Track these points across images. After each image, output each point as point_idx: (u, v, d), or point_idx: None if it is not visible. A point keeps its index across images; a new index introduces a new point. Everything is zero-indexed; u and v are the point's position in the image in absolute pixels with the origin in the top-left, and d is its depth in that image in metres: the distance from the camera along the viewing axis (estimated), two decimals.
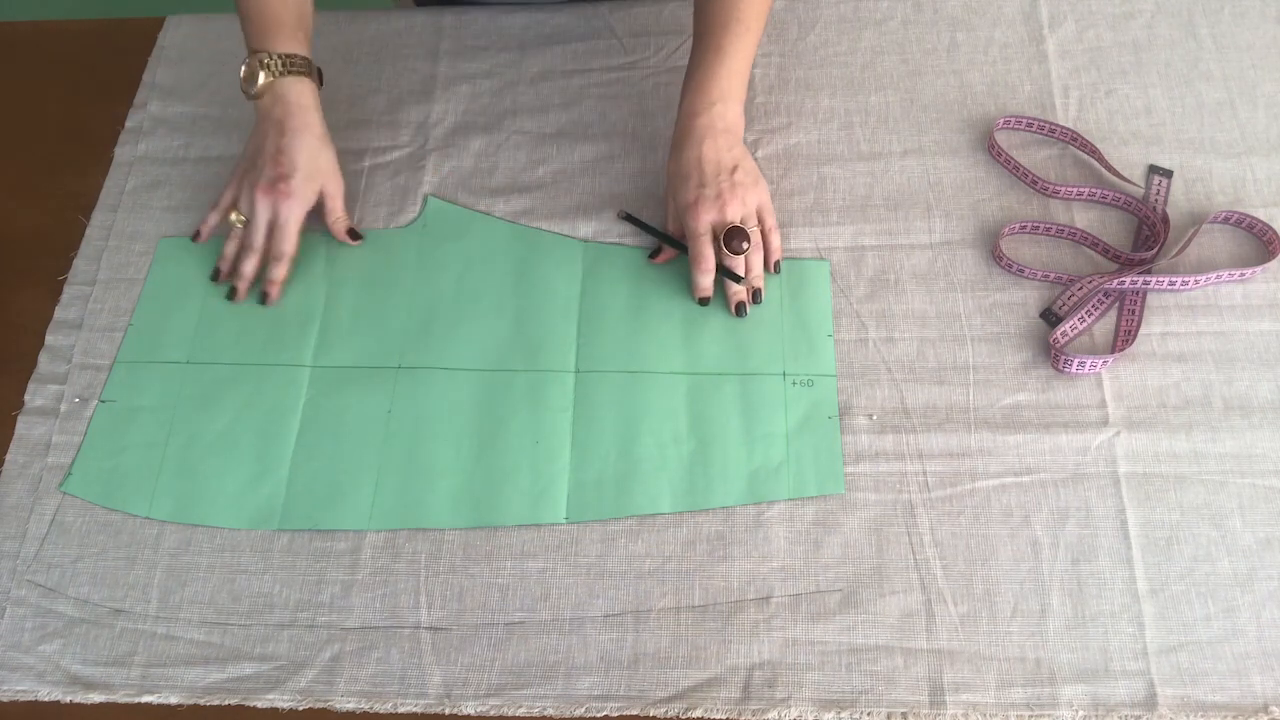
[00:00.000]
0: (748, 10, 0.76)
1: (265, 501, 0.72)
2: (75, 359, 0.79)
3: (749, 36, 0.76)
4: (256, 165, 0.78)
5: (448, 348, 0.77)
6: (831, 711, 0.63)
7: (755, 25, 0.76)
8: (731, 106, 0.76)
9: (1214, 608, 0.64)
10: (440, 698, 0.65)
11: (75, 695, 0.67)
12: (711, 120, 0.75)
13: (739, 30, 0.75)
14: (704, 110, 0.75)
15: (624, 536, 0.70)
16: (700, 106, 0.75)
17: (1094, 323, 0.74)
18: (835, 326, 0.76)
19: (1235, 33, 0.86)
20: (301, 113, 0.78)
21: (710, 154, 0.74)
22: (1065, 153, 0.82)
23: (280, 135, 0.77)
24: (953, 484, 0.69)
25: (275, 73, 0.77)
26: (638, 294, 0.78)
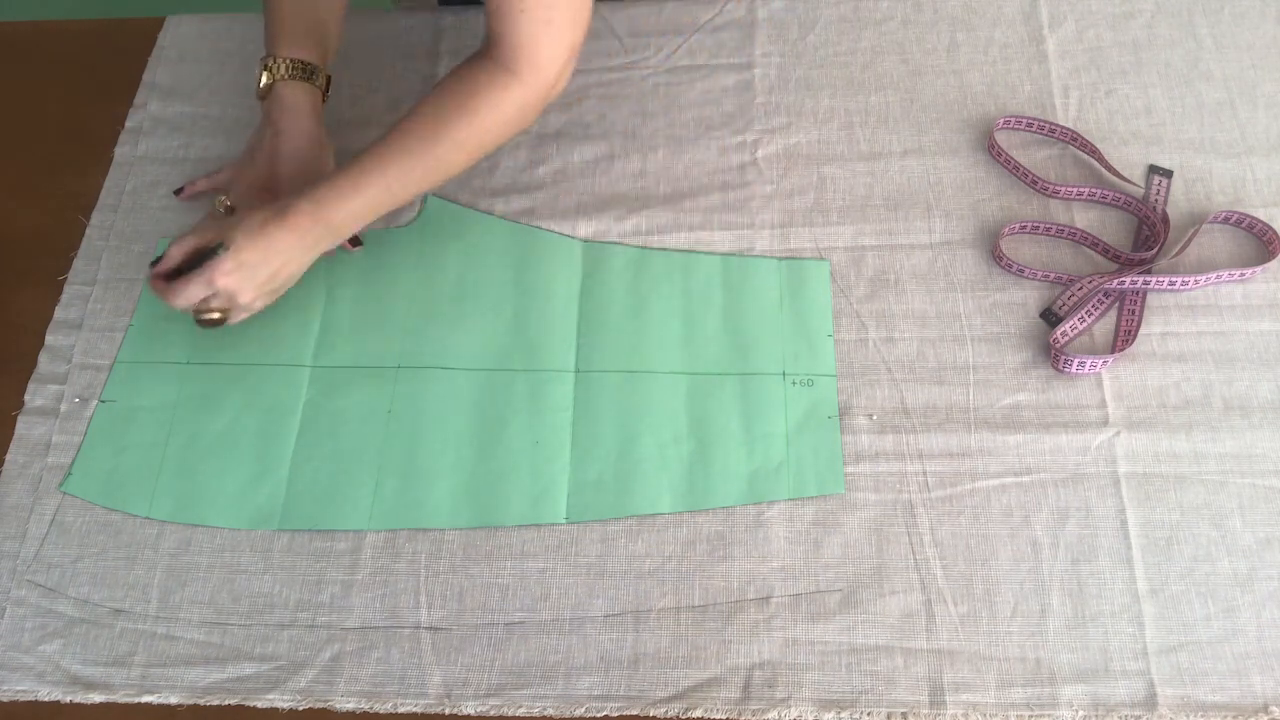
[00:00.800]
0: (437, 156, 0.72)
1: (265, 501, 0.72)
2: (75, 359, 0.79)
3: (404, 181, 0.72)
4: (254, 161, 0.79)
5: (447, 348, 0.77)
6: (831, 711, 0.63)
7: (424, 176, 0.72)
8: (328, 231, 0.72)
9: (1214, 608, 0.64)
10: (440, 698, 0.65)
11: (75, 695, 0.67)
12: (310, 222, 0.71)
13: (399, 168, 0.71)
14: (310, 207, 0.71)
15: (624, 536, 0.70)
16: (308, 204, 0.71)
17: (1094, 323, 0.74)
18: (835, 326, 0.76)
19: (1235, 33, 0.86)
20: (298, 117, 0.78)
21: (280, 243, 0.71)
22: (1065, 153, 0.82)
23: (275, 138, 0.78)
24: (953, 484, 0.69)
25: (277, 76, 0.78)
26: (638, 294, 0.78)
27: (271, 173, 0.78)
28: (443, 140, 0.72)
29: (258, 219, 0.71)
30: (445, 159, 0.73)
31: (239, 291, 0.71)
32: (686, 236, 0.80)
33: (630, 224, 0.81)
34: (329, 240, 0.73)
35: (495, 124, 0.72)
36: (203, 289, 0.70)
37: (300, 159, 0.79)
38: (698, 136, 0.85)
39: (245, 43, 0.94)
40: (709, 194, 0.82)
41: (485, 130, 0.72)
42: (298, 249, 0.72)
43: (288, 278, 0.73)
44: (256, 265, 0.70)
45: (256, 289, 0.71)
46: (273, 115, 0.79)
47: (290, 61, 0.79)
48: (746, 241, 0.80)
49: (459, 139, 0.72)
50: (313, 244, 0.72)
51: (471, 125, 0.72)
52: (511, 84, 0.71)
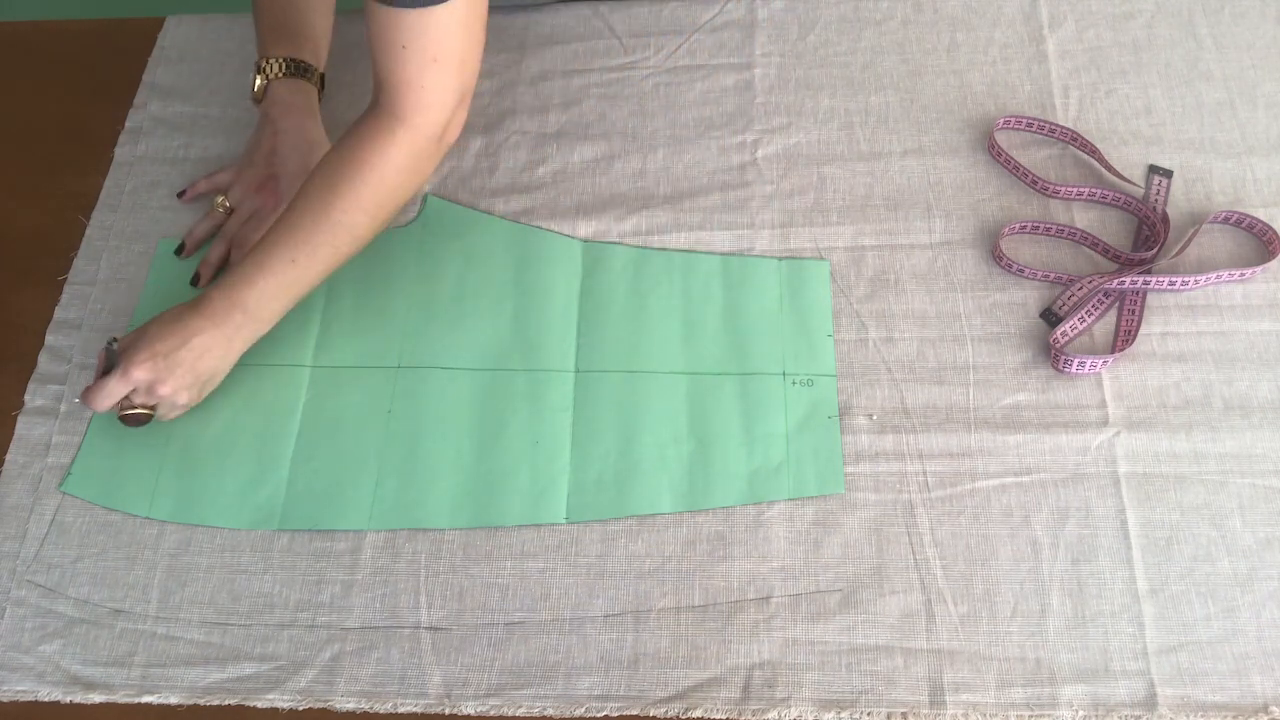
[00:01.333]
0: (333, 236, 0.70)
1: (265, 501, 0.72)
2: (75, 359, 0.79)
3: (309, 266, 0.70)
4: (253, 162, 0.80)
5: (447, 347, 0.77)
6: (831, 711, 0.63)
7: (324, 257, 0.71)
8: None
9: (1214, 608, 0.64)
10: (440, 698, 0.65)
11: (75, 695, 0.67)
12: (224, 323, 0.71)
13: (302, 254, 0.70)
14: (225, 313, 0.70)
15: (624, 536, 0.70)
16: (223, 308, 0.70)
17: (1094, 323, 0.74)
18: (835, 326, 0.76)
19: (1235, 33, 0.86)
20: (295, 114, 0.79)
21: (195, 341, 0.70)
22: (1065, 153, 0.82)
23: (274, 136, 0.79)
24: (953, 484, 0.69)
25: (271, 75, 0.78)
26: (638, 294, 0.78)
27: (271, 173, 0.78)
28: (338, 203, 0.69)
29: (174, 310, 0.71)
30: (346, 222, 0.70)
31: (157, 382, 0.69)
32: (686, 236, 0.80)
33: (630, 224, 0.81)
34: (250, 327, 0.71)
35: (389, 177, 0.70)
36: (121, 385, 0.69)
37: (301, 156, 0.79)
38: (698, 136, 0.85)
39: (245, 43, 0.94)
40: (709, 194, 0.82)
41: (380, 186, 0.70)
42: (216, 338, 0.70)
43: (211, 369, 0.72)
44: (171, 353, 0.69)
45: (176, 381, 0.70)
46: (271, 114, 0.79)
47: (284, 60, 0.79)
48: (746, 241, 0.80)
49: (355, 199, 0.69)
50: (232, 332, 0.71)
51: (365, 182, 0.69)
52: (398, 130, 0.69)
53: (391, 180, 0.70)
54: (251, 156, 0.80)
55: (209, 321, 0.70)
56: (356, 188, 0.69)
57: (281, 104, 0.79)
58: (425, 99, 0.68)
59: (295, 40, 0.81)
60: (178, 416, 0.74)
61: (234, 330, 0.71)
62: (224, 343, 0.71)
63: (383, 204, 0.71)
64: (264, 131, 0.79)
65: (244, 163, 0.81)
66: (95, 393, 0.69)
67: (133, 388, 0.70)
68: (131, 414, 0.71)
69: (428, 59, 0.66)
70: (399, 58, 0.66)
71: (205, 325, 0.70)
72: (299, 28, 0.81)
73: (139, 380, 0.69)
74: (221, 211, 0.80)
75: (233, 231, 0.80)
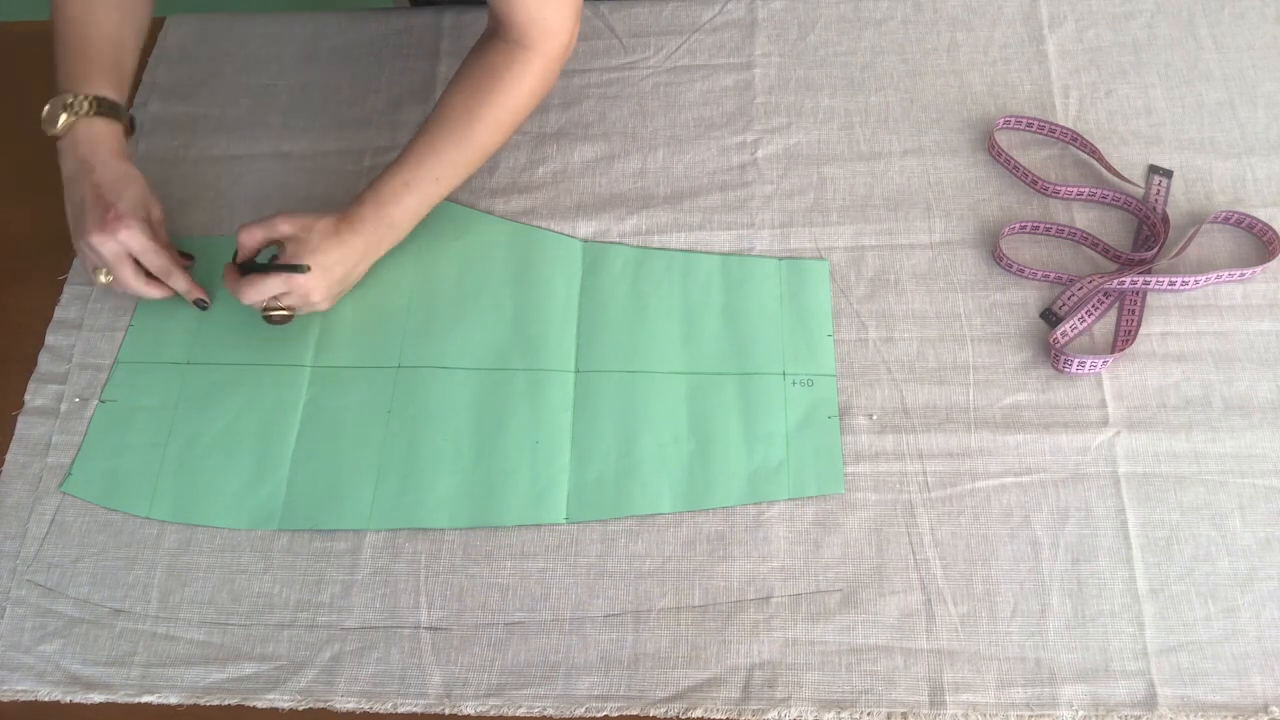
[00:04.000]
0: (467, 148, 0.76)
1: (265, 502, 0.72)
2: (75, 359, 0.79)
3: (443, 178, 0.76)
4: (83, 214, 0.74)
5: (447, 347, 0.77)
6: (831, 711, 0.63)
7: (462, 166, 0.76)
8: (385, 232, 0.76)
9: (1214, 608, 0.64)
10: (440, 698, 0.65)
11: (75, 695, 0.67)
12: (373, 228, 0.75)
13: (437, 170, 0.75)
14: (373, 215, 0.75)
15: (624, 536, 0.70)
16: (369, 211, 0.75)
17: (1094, 323, 0.74)
18: (835, 326, 0.76)
19: (1235, 33, 0.86)
20: (105, 149, 0.75)
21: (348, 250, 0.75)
22: (1065, 153, 0.82)
23: (90, 173, 0.74)
24: (953, 484, 0.69)
25: (79, 113, 0.74)
26: (638, 294, 0.78)
27: (105, 205, 0.73)
28: (477, 125, 0.75)
29: (330, 223, 0.74)
30: (484, 141, 0.76)
31: (313, 290, 0.73)
32: (686, 236, 0.80)
33: (630, 224, 0.81)
34: (390, 239, 0.77)
35: (523, 97, 0.76)
36: (279, 286, 0.73)
37: (126, 179, 0.75)
38: (698, 136, 0.85)
39: (245, 43, 0.95)
40: (709, 194, 0.82)
41: (516, 106, 0.76)
42: (366, 250, 0.75)
43: (356, 278, 0.78)
44: (332, 267, 0.74)
45: (328, 289, 0.74)
46: (81, 153, 0.74)
47: (94, 99, 0.74)
48: (746, 241, 0.80)
49: (493, 120, 0.75)
50: (377, 244, 0.76)
51: (503, 106, 0.75)
52: (530, 58, 0.75)
53: (526, 101, 0.77)
54: (79, 213, 0.74)
55: (364, 240, 0.75)
56: (495, 112, 0.75)
57: (90, 142, 0.74)
58: (550, 26, 0.74)
59: (107, 77, 0.76)
60: None
61: (378, 242, 0.76)
62: (371, 254, 0.76)
63: (515, 123, 0.78)
64: (78, 176, 0.74)
65: (75, 228, 0.75)
66: (251, 287, 0.72)
67: (288, 290, 0.73)
68: (277, 315, 0.75)
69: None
70: (520, 1, 0.73)
71: (358, 241, 0.74)
72: (112, 61, 0.77)
73: (298, 288, 0.73)
74: (107, 282, 0.76)
75: (136, 285, 0.76)
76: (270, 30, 0.95)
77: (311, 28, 0.95)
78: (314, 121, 0.89)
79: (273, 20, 0.96)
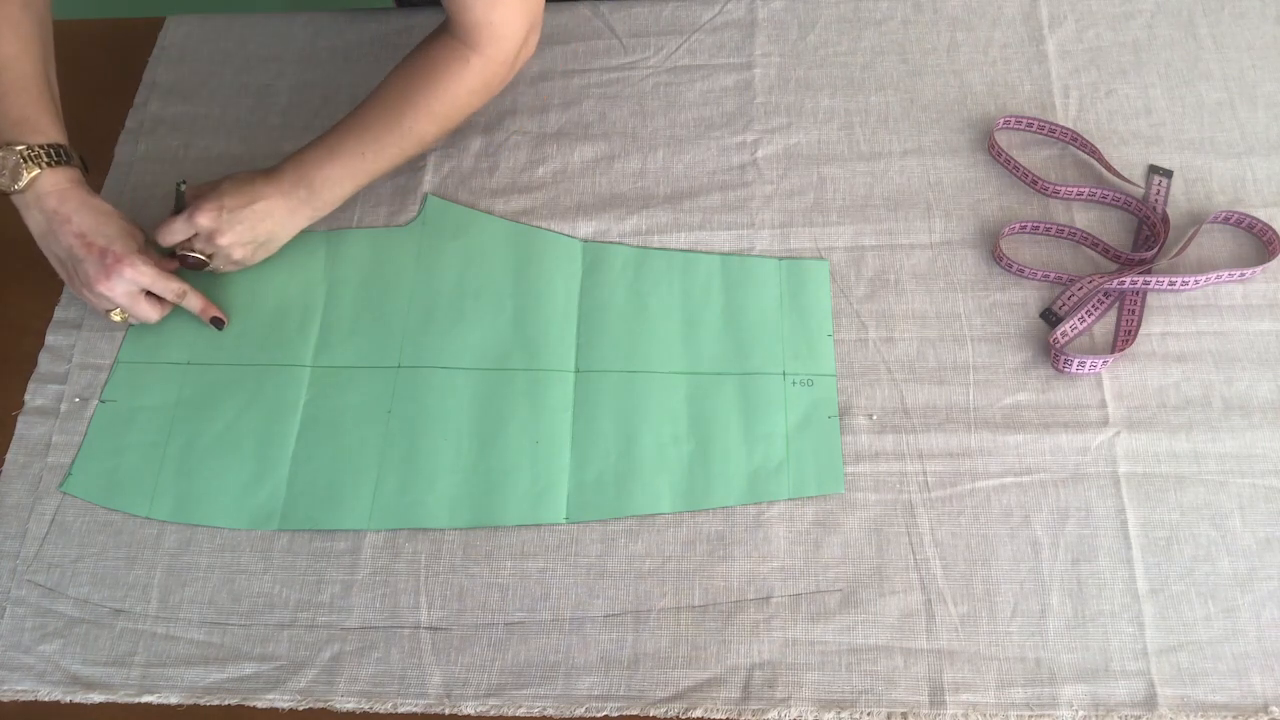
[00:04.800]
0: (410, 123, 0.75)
1: (265, 501, 0.72)
2: (75, 359, 0.79)
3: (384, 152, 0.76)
4: (77, 265, 0.73)
5: (447, 347, 0.77)
6: (831, 711, 0.63)
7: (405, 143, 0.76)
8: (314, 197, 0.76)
9: (1214, 608, 0.64)
10: (440, 698, 0.65)
11: (75, 695, 0.67)
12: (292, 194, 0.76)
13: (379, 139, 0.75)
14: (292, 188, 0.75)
15: (624, 536, 0.70)
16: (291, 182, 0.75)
17: (1094, 323, 0.74)
18: (835, 326, 0.76)
19: (1235, 33, 0.86)
20: (74, 197, 0.73)
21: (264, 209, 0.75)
22: (1065, 153, 0.82)
23: (67, 223, 0.72)
24: (953, 484, 0.69)
25: (41, 166, 0.71)
26: (637, 294, 0.78)
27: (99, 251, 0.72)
28: (409, 111, 0.75)
29: (248, 174, 0.76)
30: (416, 129, 0.76)
31: (218, 232, 0.74)
32: (686, 236, 0.80)
33: (630, 224, 0.81)
34: (310, 206, 0.77)
35: (461, 95, 0.76)
36: (185, 227, 0.74)
37: (106, 215, 0.74)
38: (698, 136, 0.85)
39: (245, 43, 0.95)
40: (709, 194, 0.82)
41: (452, 102, 0.76)
42: (279, 205, 0.75)
43: (269, 233, 0.77)
44: (237, 210, 0.74)
45: (235, 235, 0.75)
46: (50, 205, 0.72)
47: (50, 148, 0.72)
48: (746, 241, 0.80)
49: (426, 110, 0.75)
50: (296, 205, 0.76)
51: (438, 98, 0.75)
52: (472, 58, 0.75)
53: (463, 99, 0.76)
54: (70, 265, 0.73)
55: (276, 190, 0.75)
56: (429, 102, 0.75)
57: (58, 194, 0.72)
58: (496, 33, 0.74)
59: (55, 120, 0.74)
60: (229, 272, 0.79)
61: (298, 204, 0.76)
62: (286, 212, 0.76)
63: (451, 116, 0.77)
64: (56, 230, 0.72)
65: (70, 280, 0.75)
66: (162, 229, 0.75)
67: (195, 233, 0.75)
68: (189, 256, 0.76)
69: None
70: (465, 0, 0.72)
71: (272, 192, 0.75)
72: (49, 101, 0.74)
73: (202, 226, 0.74)
74: (121, 320, 0.77)
75: (152, 315, 0.76)
76: (270, 30, 0.95)
77: (311, 28, 0.95)
78: (314, 121, 0.89)
79: (273, 20, 0.96)
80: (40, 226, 0.73)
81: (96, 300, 0.75)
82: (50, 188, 0.72)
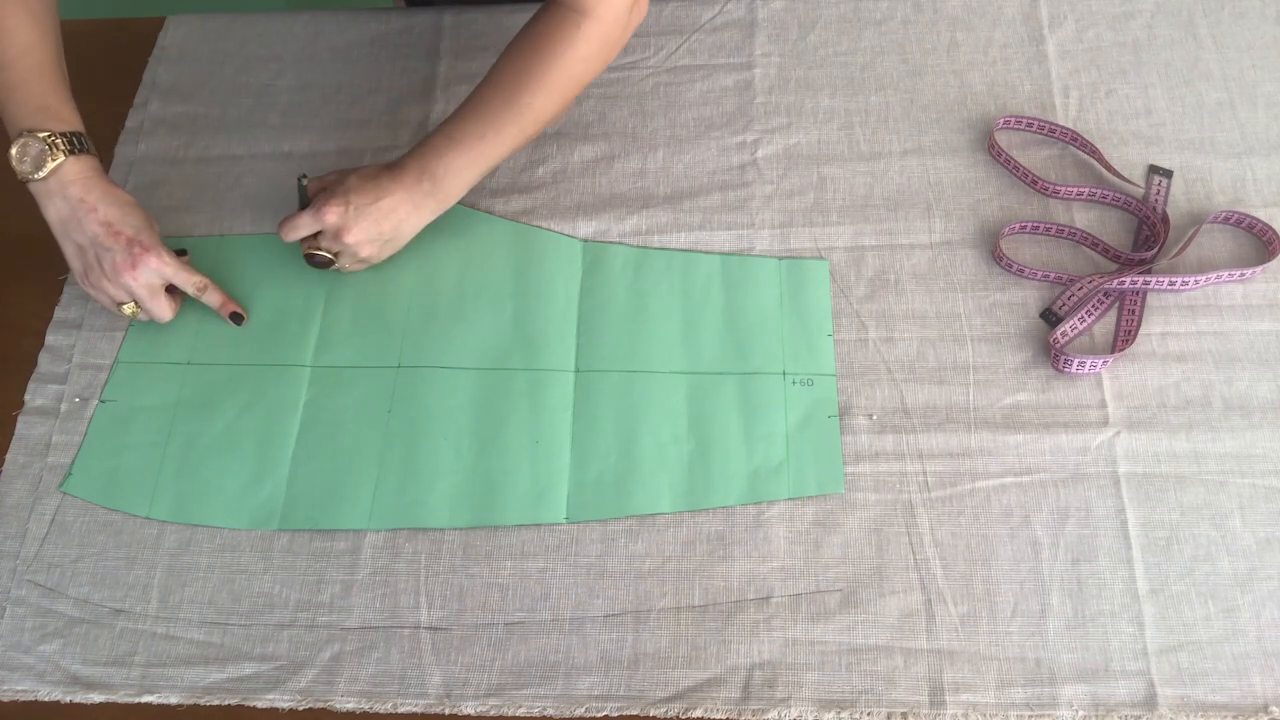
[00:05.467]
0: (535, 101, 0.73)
1: (265, 501, 0.72)
2: (75, 359, 0.79)
3: (507, 135, 0.74)
4: (102, 254, 0.73)
5: (447, 347, 0.77)
6: (831, 711, 0.63)
7: (528, 123, 0.74)
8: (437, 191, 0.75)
9: (1214, 608, 0.64)
10: (440, 698, 0.65)
11: (75, 695, 0.67)
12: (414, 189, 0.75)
13: (503, 122, 0.73)
14: (414, 182, 0.74)
15: (624, 536, 0.70)
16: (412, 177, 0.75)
17: (1094, 323, 0.74)
18: (835, 326, 0.76)
19: (1235, 33, 0.86)
20: (98, 185, 0.73)
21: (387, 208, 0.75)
22: (1065, 153, 0.82)
23: (93, 212, 0.72)
24: (953, 484, 0.69)
25: (65, 154, 0.71)
26: (638, 294, 0.78)
27: (125, 240, 0.73)
28: (527, 88, 0.73)
29: (373, 169, 0.75)
30: (535, 104, 0.74)
31: (344, 229, 0.74)
32: (686, 236, 0.80)
33: (630, 224, 0.81)
34: (435, 199, 0.75)
35: (576, 65, 0.73)
36: (312, 223, 0.74)
37: (130, 206, 0.74)
38: (698, 136, 0.85)
39: (245, 43, 0.95)
40: (709, 194, 0.82)
41: (567, 72, 0.73)
42: (404, 200, 0.74)
43: (394, 229, 0.76)
44: (364, 208, 0.73)
45: (361, 232, 0.74)
46: (74, 194, 0.72)
47: (68, 136, 0.72)
48: (746, 241, 0.80)
49: (544, 84, 0.73)
50: (421, 199, 0.75)
51: (553, 70, 0.73)
52: (583, 24, 0.72)
53: (579, 68, 0.74)
54: (90, 254, 0.73)
55: (399, 185, 0.74)
56: (544, 75, 0.73)
57: (82, 181, 0.72)
58: None
59: (69, 106, 0.73)
60: (356, 270, 0.79)
61: (423, 197, 0.75)
62: (411, 207, 0.75)
63: (568, 88, 0.75)
64: (80, 219, 0.72)
65: (87, 268, 0.74)
66: (287, 225, 0.75)
67: (319, 229, 0.74)
68: (316, 254, 0.76)
69: None
70: None
71: (396, 188, 0.74)
72: (65, 89, 0.74)
73: (329, 223, 0.74)
74: (132, 314, 0.76)
75: (167, 313, 0.77)
76: (270, 30, 0.95)
77: (311, 28, 0.95)
78: (314, 121, 0.89)
79: (273, 20, 0.96)
80: (62, 214, 0.73)
81: (115, 291, 0.74)
82: (75, 176, 0.72)
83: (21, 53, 0.72)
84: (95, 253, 0.73)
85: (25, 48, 0.72)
